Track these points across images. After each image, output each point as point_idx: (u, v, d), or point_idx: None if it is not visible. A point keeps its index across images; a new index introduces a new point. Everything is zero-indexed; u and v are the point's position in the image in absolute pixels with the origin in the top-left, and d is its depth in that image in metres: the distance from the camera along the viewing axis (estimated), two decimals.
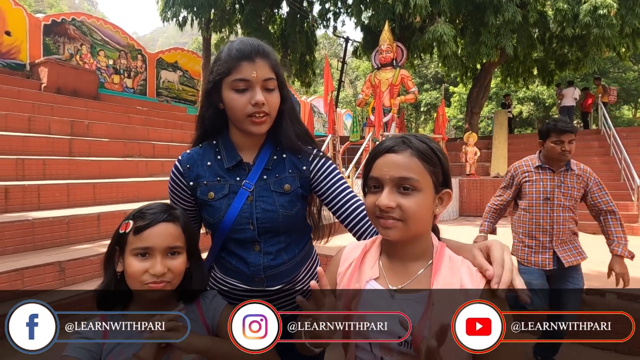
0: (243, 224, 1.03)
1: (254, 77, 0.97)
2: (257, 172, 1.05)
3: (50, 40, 8.77)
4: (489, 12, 8.54)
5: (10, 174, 4.25)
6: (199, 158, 1.07)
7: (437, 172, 0.78)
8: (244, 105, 0.98)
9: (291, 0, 11.81)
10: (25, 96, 6.60)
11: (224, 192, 1.04)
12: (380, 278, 0.81)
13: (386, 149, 0.79)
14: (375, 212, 0.78)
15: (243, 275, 1.06)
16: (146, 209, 0.93)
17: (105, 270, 0.95)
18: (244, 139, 1.07)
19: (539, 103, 24.02)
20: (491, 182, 7.61)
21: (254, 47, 0.99)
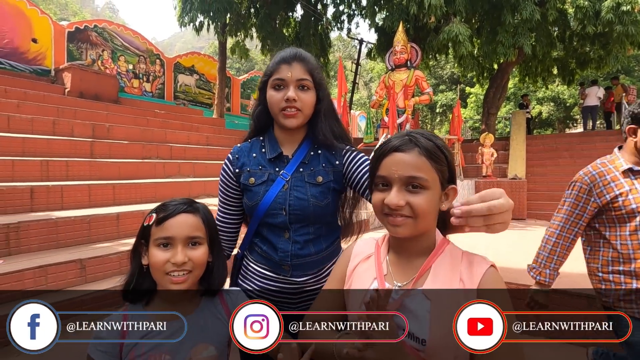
0: (277, 209, 1.12)
1: (289, 77, 1.11)
2: (295, 165, 1.15)
3: (74, 46, 9.10)
4: (506, 11, 8.37)
5: (35, 174, 4.43)
6: (247, 150, 1.22)
7: (443, 170, 0.80)
8: (279, 100, 1.11)
9: (305, 3, 11.89)
10: (50, 100, 6.87)
11: (263, 179, 1.15)
12: (387, 275, 0.83)
13: (393, 148, 0.80)
14: (383, 209, 0.80)
15: (271, 261, 1.15)
16: (168, 202, 0.98)
17: (131, 263, 0.99)
18: (284, 134, 1.19)
19: (559, 103, 23.35)
20: (508, 183, 7.45)
21: (293, 52, 1.15)
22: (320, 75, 1.18)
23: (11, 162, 4.25)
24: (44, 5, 24.28)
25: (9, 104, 5.86)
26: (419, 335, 0.73)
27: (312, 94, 1.14)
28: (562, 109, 23.45)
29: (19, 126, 5.31)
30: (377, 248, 0.90)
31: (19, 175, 4.26)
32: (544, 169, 8.85)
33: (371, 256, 0.89)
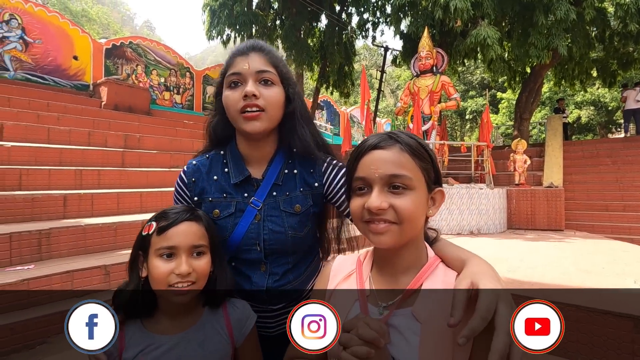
0: (249, 245, 0.96)
1: (246, 69, 0.91)
2: (266, 189, 0.97)
3: (111, 62, 9.65)
4: (539, 12, 8.02)
5: (70, 183, 4.66)
6: (205, 171, 1.01)
7: (428, 169, 0.71)
8: (237, 100, 0.90)
9: (329, 13, 11.99)
10: (87, 113, 7.27)
11: (230, 211, 0.97)
12: (370, 296, 0.73)
13: (372, 146, 0.71)
14: (363, 216, 0.70)
15: (245, 292, 1.00)
16: (168, 210, 0.92)
17: (130, 275, 0.93)
18: (250, 148, 0.99)
19: (600, 107, 22.02)
20: (544, 192, 7.02)
21: (249, 43, 0.96)
22: (286, 68, 0.97)
23: (48, 171, 4.49)
24: (88, 26, 26.11)
25: (51, 117, 6.24)
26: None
27: (277, 90, 0.94)
28: (603, 113, 22.09)
29: (57, 137, 5.64)
30: (358, 265, 0.80)
31: (54, 183, 4.49)
32: (583, 176, 8.30)
33: (352, 274, 0.78)
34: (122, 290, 0.91)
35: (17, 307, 2.69)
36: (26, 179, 4.25)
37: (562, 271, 3.49)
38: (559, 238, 5.88)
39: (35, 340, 2.57)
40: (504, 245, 5.11)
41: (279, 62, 0.95)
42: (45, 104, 6.89)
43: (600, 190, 7.69)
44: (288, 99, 0.97)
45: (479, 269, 0.64)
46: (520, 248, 4.86)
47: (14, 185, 4.13)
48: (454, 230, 6.21)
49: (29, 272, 2.91)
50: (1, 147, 4.55)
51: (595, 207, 7.38)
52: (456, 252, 0.72)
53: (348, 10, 13.08)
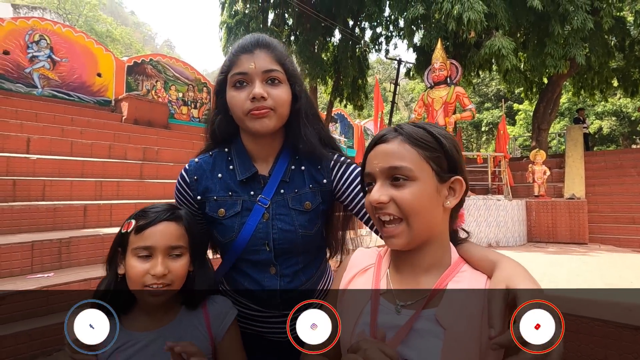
0: (258, 245, 0.92)
1: (252, 68, 0.87)
2: (274, 186, 0.93)
3: (132, 78, 10.02)
4: (554, 22, 7.94)
5: (90, 194, 4.80)
6: (209, 169, 0.97)
7: (436, 158, 0.67)
8: (243, 101, 0.88)
9: (343, 28, 12.19)
10: (108, 127, 7.53)
11: (237, 210, 0.93)
12: (387, 293, 0.70)
13: (376, 140, 0.70)
14: (374, 214, 0.69)
15: (257, 299, 0.96)
16: (149, 209, 0.90)
17: (107, 272, 0.92)
18: (255, 144, 0.96)
19: (622, 117, 21.38)
20: (565, 204, 6.80)
21: (254, 38, 0.91)
22: (292, 65, 0.94)
23: (70, 182, 4.64)
24: (112, 45, 27.32)
25: (74, 131, 6.49)
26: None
27: (285, 88, 0.91)
28: (626, 123, 21.42)
29: (80, 150, 5.85)
30: (378, 259, 0.77)
31: (76, 194, 4.63)
32: (607, 188, 8.01)
33: (369, 269, 0.76)
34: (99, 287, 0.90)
35: (35, 314, 2.74)
36: (49, 189, 4.40)
37: (588, 285, 3.33)
38: (583, 251, 5.65)
39: (52, 347, 2.61)
40: (524, 258, 4.94)
41: (285, 59, 0.92)
42: (69, 118, 7.19)
43: (626, 202, 7.39)
44: (294, 97, 0.94)
45: (513, 272, 0.59)
46: (542, 261, 4.69)
47: (37, 195, 4.28)
48: None
49: (48, 279, 2.98)
50: (27, 159, 4.74)
51: (621, 220, 7.08)
52: (484, 253, 0.68)
53: (361, 24, 13.28)
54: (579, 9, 7.61)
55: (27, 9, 15.27)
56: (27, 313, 2.70)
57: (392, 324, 0.65)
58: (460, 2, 7.36)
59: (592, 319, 2.40)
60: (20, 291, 2.69)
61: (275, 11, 12.52)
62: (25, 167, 4.65)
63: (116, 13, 59.96)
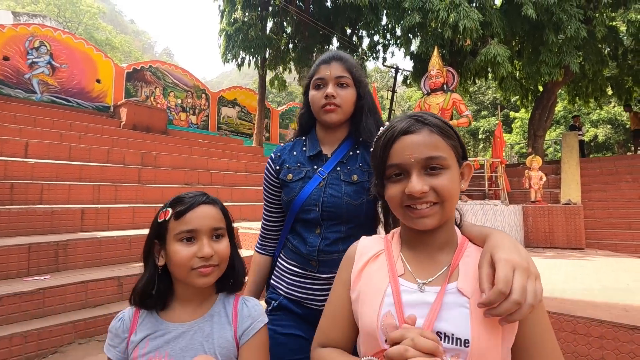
0: (310, 205, 1.14)
1: (328, 75, 1.16)
2: (333, 163, 1.18)
3: (131, 85, 10.08)
4: (548, 30, 8.08)
5: (88, 198, 4.80)
6: (289, 149, 1.27)
7: (456, 146, 0.74)
8: (319, 99, 1.16)
9: (341, 36, 12.34)
10: (107, 133, 7.55)
11: (301, 176, 1.18)
12: (406, 273, 0.73)
13: (402, 131, 0.72)
14: (403, 201, 0.71)
15: (300, 256, 1.16)
16: (183, 195, 0.92)
17: (146, 265, 0.92)
18: (325, 133, 1.23)
19: (617, 125, 21.60)
20: (562, 209, 6.83)
21: (331, 53, 1.21)
22: (359, 72, 1.21)
23: (68, 186, 4.64)
24: (111, 53, 27.45)
25: (72, 136, 6.50)
26: (460, 336, 0.63)
27: (351, 91, 1.18)
28: (621, 131, 21.63)
29: (78, 155, 5.85)
30: (387, 244, 0.80)
31: (73, 198, 4.63)
32: (603, 193, 8.06)
33: (381, 254, 0.78)
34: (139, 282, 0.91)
35: (32, 316, 2.73)
36: (47, 193, 4.39)
37: (584, 287, 3.35)
38: (579, 256, 5.66)
39: (47, 348, 2.59)
40: None
41: (353, 69, 1.19)
42: (68, 124, 7.20)
43: (622, 207, 7.43)
44: (359, 97, 1.20)
45: (497, 243, 0.67)
46: (539, 265, 4.69)
47: (35, 199, 4.27)
48: None
49: (45, 282, 2.97)
50: (25, 163, 4.74)
51: (617, 225, 7.11)
52: (480, 230, 0.76)
53: (359, 33, 13.45)
54: (572, 18, 7.76)
55: (27, 17, 15.39)
56: (22, 315, 2.68)
57: (418, 302, 0.69)
58: (456, 11, 7.49)
59: (588, 319, 2.41)
60: (16, 293, 2.67)
61: (274, 19, 12.67)
62: (23, 171, 4.65)
63: (116, 21, 60.42)
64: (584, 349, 2.39)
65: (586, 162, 9.54)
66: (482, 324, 0.63)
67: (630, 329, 2.25)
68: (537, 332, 0.64)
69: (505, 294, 0.58)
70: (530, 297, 0.58)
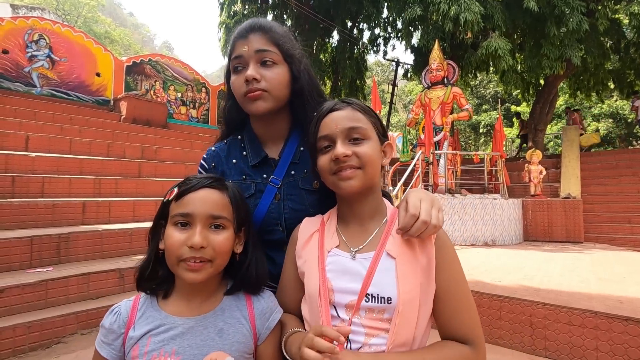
0: (272, 225, 0.95)
1: (245, 51, 0.90)
2: (284, 167, 0.97)
3: (131, 78, 10.04)
4: (550, 23, 8.02)
5: (89, 191, 4.82)
6: (224, 155, 1.02)
7: (377, 124, 0.85)
8: (240, 84, 0.91)
9: (341, 29, 12.26)
10: (107, 126, 7.55)
11: (250, 192, 0.96)
12: (341, 244, 0.83)
13: (329, 109, 0.84)
14: (331, 168, 0.81)
15: (270, 274, 0.96)
16: (193, 175, 0.84)
17: (149, 246, 0.84)
18: (265, 129, 0.99)
19: (619, 119, 21.50)
20: (561, 203, 6.85)
21: (248, 23, 0.94)
22: (290, 44, 0.95)
23: (69, 180, 4.66)
24: (111, 47, 27.29)
25: (73, 130, 6.51)
26: (383, 294, 0.73)
27: (280, 69, 0.92)
28: (622, 125, 21.53)
29: (79, 148, 5.87)
30: (321, 224, 0.88)
31: (74, 191, 4.65)
32: (602, 187, 8.07)
33: (315, 233, 0.87)
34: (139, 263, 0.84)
35: (35, 307, 2.77)
36: (48, 186, 4.42)
37: (581, 280, 3.38)
38: (578, 250, 5.70)
39: (51, 339, 2.63)
40: (520, 255, 4.98)
41: (280, 40, 0.93)
42: (68, 117, 7.20)
43: (622, 202, 7.45)
44: (294, 77, 0.95)
45: (410, 191, 0.82)
46: (537, 257, 4.73)
47: (36, 192, 4.30)
48: (468, 241, 6.09)
49: (47, 274, 3.00)
50: (26, 157, 4.76)
51: (616, 219, 7.14)
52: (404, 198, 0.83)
53: (359, 26, 13.36)
54: (574, 11, 7.69)
55: (26, 9, 15.29)
56: (25, 306, 2.72)
57: (351, 269, 0.78)
58: (457, 4, 7.43)
59: (583, 310, 2.45)
60: (19, 285, 2.71)
61: (273, 12, 12.59)
62: (24, 165, 4.67)
63: (115, 14, 59.96)
64: (579, 340, 2.42)
65: (586, 156, 9.53)
66: (405, 281, 0.73)
67: (625, 320, 2.29)
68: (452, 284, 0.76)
69: (415, 216, 0.73)
70: (434, 219, 0.74)
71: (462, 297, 0.76)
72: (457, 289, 0.76)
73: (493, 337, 2.77)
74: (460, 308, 0.75)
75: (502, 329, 2.75)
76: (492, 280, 3.28)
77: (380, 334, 0.73)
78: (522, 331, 2.66)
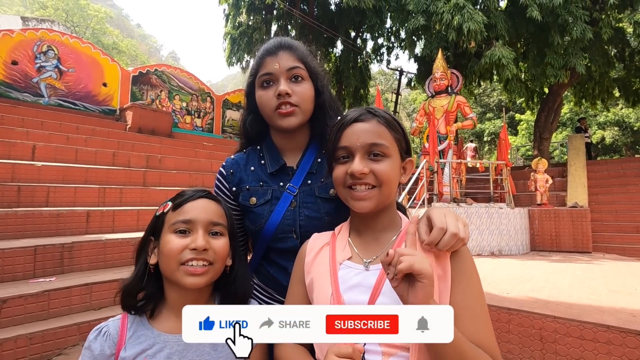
0: (286, 232, 0.96)
1: (277, 68, 0.94)
2: (301, 176, 0.99)
3: (137, 88, 10.16)
4: (554, 32, 8.03)
5: (93, 200, 4.83)
6: (243, 163, 1.04)
7: (401, 140, 0.81)
8: (270, 99, 0.95)
9: (345, 39, 12.36)
10: (113, 136, 7.61)
11: (267, 198, 0.98)
12: (353, 256, 0.81)
13: (353, 119, 0.80)
14: (346, 181, 0.79)
15: (280, 286, 0.97)
16: (185, 190, 0.88)
17: (137, 262, 0.85)
18: (284, 140, 1.02)
19: (625, 127, 21.35)
20: (568, 212, 6.75)
21: (277, 42, 0.98)
22: (314, 62, 1.00)
23: (74, 189, 4.68)
24: (118, 57, 27.76)
25: (79, 139, 6.57)
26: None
27: (308, 85, 0.97)
28: (628, 133, 21.38)
29: (85, 158, 5.91)
30: (332, 238, 0.86)
31: (79, 200, 4.66)
32: (610, 196, 7.96)
33: (326, 247, 0.85)
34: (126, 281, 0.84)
35: (37, 318, 2.74)
36: (53, 195, 4.43)
37: (591, 291, 3.30)
38: (587, 260, 5.59)
39: (52, 350, 2.61)
40: (527, 265, 4.90)
41: (306, 58, 0.99)
42: (74, 127, 7.28)
43: (630, 210, 7.34)
44: (317, 91, 1.01)
45: (431, 209, 0.79)
46: (545, 268, 4.64)
47: (41, 201, 4.31)
48: (474, 251, 6.00)
49: (50, 284, 2.99)
50: (32, 166, 4.80)
51: (625, 229, 7.02)
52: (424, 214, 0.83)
53: (363, 35, 13.46)
54: (578, 20, 7.70)
55: (36, 22, 15.62)
56: (28, 317, 2.70)
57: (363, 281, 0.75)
58: (460, 13, 7.47)
59: (595, 324, 2.38)
60: (21, 295, 2.69)
61: (278, 23, 12.74)
62: (30, 174, 4.70)
63: (123, 26, 61.12)
64: (591, 355, 2.35)
65: (593, 164, 9.44)
66: None
67: (638, 335, 2.22)
68: (469, 298, 0.72)
69: (444, 230, 0.71)
70: (461, 232, 0.72)
71: (479, 313, 0.71)
72: (474, 303, 0.72)
73: (502, 352, 2.70)
74: (477, 326, 0.70)
75: (511, 343, 2.68)
76: (499, 292, 3.22)
77: (398, 353, 0.68)
78: (532, 345, 2.59)
